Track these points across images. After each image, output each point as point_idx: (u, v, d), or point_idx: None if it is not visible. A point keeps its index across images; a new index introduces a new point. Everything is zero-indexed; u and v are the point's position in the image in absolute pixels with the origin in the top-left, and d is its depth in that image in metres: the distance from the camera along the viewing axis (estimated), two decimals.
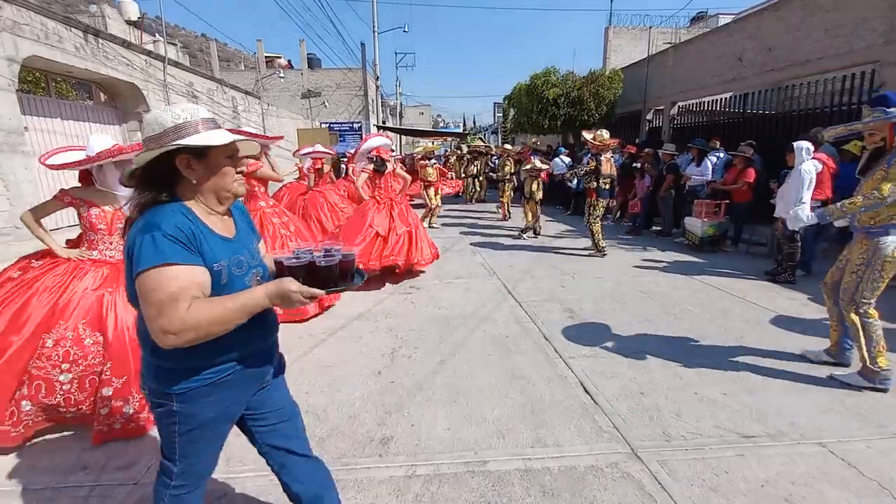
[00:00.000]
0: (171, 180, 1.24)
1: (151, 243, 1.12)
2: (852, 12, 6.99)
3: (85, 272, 2.51)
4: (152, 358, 1.26)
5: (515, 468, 2.14)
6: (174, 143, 1.18)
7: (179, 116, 1.21)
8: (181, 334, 1.10)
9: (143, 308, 1.14)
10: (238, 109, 13.63)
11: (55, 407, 2.26)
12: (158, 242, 1.12)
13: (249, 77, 23.25)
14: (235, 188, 1.32)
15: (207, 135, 1.22)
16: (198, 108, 1.26)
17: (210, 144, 1.21)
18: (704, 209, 6.67)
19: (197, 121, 1.22)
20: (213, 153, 1.25)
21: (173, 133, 1.19)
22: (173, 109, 1.22)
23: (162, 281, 1.10)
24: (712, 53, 10.54)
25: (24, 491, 2.04)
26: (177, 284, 1.11)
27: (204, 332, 1.12)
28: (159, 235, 1.12)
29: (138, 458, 2.23)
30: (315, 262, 1.28)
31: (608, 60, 16.83)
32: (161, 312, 1.09)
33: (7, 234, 6.05)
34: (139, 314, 1.23)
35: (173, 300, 1.09)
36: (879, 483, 2.01)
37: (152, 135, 1.21)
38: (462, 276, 5.59)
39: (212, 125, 1.25)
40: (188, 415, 1.27)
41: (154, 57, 9.51)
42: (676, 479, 2.05)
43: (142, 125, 1.15)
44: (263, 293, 1.19)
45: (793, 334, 3.68)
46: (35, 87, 12.00)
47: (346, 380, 3.03)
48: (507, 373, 3.08)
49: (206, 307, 1.13)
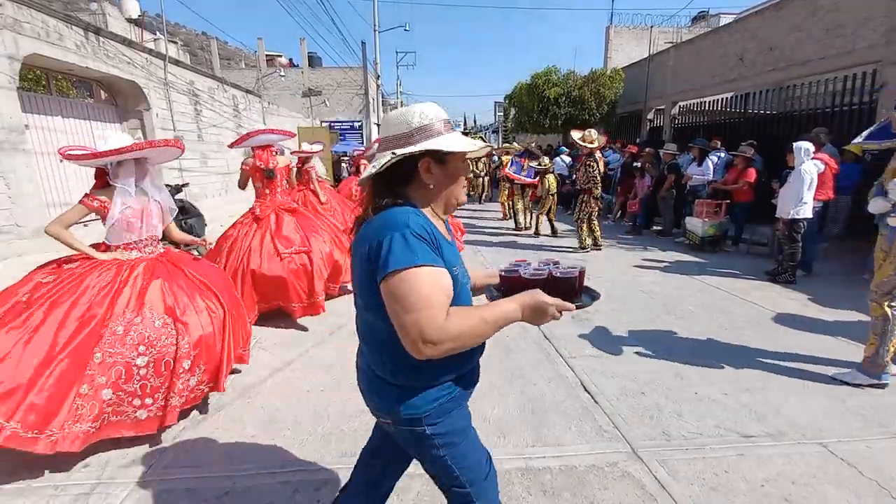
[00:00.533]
0: (405, 183, 1.15)
1: (403, 243, 1.01)
2: (854, 12, 6.98)
3: (133, 266, 2.53)
4: (393, 379, 1.15)
5: (516, 467, 2.15)
6: (427, 146, 1.10)
7: (426, 116, 1.12)
8: (440, 345, 0.99)
9: (395, 314, 1.01)
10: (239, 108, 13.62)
11: (130, 396, 2.23)
12: (410, 242, 1.01)
13: (250, 75, 23.24)
14: (463, 196, 1.24)
15: (451, 138, 1.14)
16: (437, 107, 1.16)
17: (462, 150, 1.13)
18: (705, 209, 6.67)
19: (441, 122, 1.14)
20: (453, 158, 1.16)
21: (419, 134, 1.11)
22: (419, 109, 1.14)
23: (418, 284, 0.99)
24: (713, 53, 10.52)
25: (26, 489, 2.05)
26: (432, 289, 1.00)
27: (460, 344, 1.02)
28: (409, 234, 1.02)
29: (140, 456, 2.24)
30: (553, 274, 1.21)
31: (609, 60, 16.82)
32: (419, 319, 0.97)
33: (8, 233, 6.05)
34: (369, 323, 1.15)
35: (430, 306, 0.98)
36: (879, 483, 2.02)
37: (398, 134, 1.12)
38: None
39: (451, 127, 1.16)
40: (442, 433, 1.16)
41: (155, 55, 9.50)
42: (677, 479, 2.06)
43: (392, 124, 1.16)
44: (517, 306, 1.09)
45: (793, 334, 3.68)
46: (36, 85, 12.01)
47: (347, 378, 3.03)
48: (507, 372, 3.08)
49: (463, 316, 1.03)
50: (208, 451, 2.28)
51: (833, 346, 3.46)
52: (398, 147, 1.11)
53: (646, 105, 13.47)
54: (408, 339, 0.99)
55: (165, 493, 2.01)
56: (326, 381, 3.00)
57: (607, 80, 13.47)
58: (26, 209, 6.35)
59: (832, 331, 3.73)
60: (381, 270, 1.01)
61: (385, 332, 1.08)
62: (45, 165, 7.11)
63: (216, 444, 2.34)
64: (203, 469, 2.16)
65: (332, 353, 3.42)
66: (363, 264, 1.08)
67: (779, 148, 6.46)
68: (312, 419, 2.56)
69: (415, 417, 1.13)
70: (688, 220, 7.06)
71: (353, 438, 2.39)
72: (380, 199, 1.13)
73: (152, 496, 2.00)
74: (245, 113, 13.92)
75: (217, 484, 2.06)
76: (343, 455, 2.26)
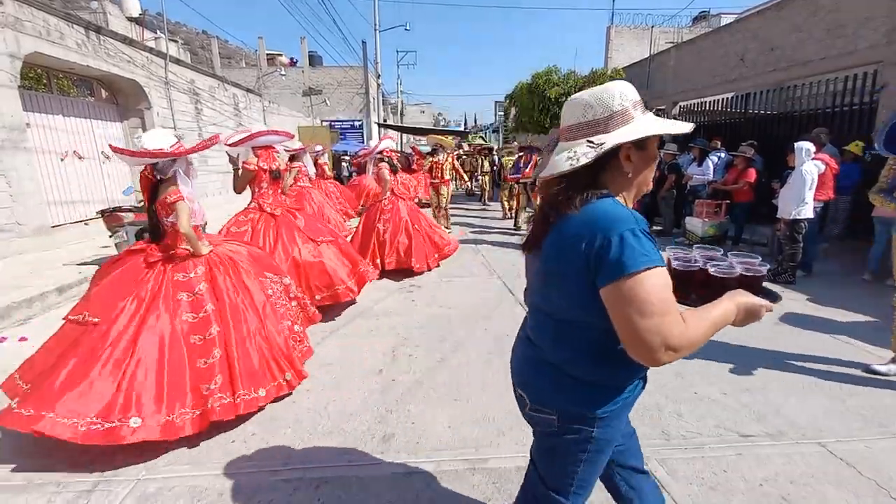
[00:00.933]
0: (600, 172, 1.06)
1: (636, 241, 0.93)
2: (855, 12, 6.97)
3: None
4: (588, 376, 1.08)
5: (516, 465, 2.15)
6: (639, 130, 1.01)
7: (627, 98, 1.03)
8: (680, 351, 0.93)
9: (627, 318, 0.92)
10: (239, 107, 13.63)
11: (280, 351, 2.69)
12: (642, 241, 0.94)
13: (251, 74, 23.25)
14: (651, 182, 1.15)
15: (652, 119, 1.05)
16: (631, 86, 1.07)
17: (664, 132, 1.03)
18: (705, 209, 6.68)
19: (639, 103, 1.05)
20: (650, 142, 1.06)
21: (619, 117, 1.02)
22: (618, 90, 1.04)
23: (656, 287, 0.92)
24: (714, 53, 10.52)
25: (29, 486, 2.06)
26: (667, 291, 0.93)
27: (692, 350, 0.95)
28: (639, 231, 0.95)
29: (141, 453, 2.24)
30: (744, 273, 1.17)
31: (610, 60, 16.82)
32: (661, 325, 0.91)
33: (9, 231, 6.06)
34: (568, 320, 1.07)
35: (669, 311, 0.92)
36: (878, 483, 2.02)
37: (594, 119, 1.03)
38: (463, 274, 5.60)
39: (642, 107, 1.07)
40: (602, 439, 1.12)
41: (156, 54, 9.50)
42: (676, 478, 2.06)
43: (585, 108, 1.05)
44: (734, 306, 1.04)
45: (793, 334, 3.68)
46: (37, 84, 12.01)
47: (347, 377, 3.04)
48: (507, 371, 3.06)
49: (698, 320, 0.97)
50: (208, 449, 2.29)
51: (833, 345, 3.47)
52: (595, 133, 1.03)
53: (646, 105, 13.45)
54: (643, 345, 0.92)
55: (166, 490, 2.02)
56: (327, 379, 3.01)
57: (608, 80, 13.42)
58: (27, 207, 6.36)
59: (832, 330, 3.74)
60: (613, 271, 0.93)
61: (596, 331, 1.02)
62: (46, 164, 7.12)
63: (216, 442, 2.35)
64: (203, 467, 2.17)
65: (332, 352, 3.43)
66: (570, 260, 1.00)
67: (779, 148, 6.46)
68: (312, 417, 2.57)
69: (591, 417, 1.09)
70: (688, 220, 7.07)
71: (353, 437, 2.39)
72: (576, 191, 1.04)
73: (153, 494, 2.00)
74: (245, 112, 13.93)
75: (217, 481, 2.07)
76: (344, 453, 2.26)
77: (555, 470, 1.19)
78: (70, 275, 5.02)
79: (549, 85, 13.80)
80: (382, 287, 5.05)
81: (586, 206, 1.01)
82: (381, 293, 4.85)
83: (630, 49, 16.61)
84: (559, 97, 13.69)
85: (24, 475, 2.12)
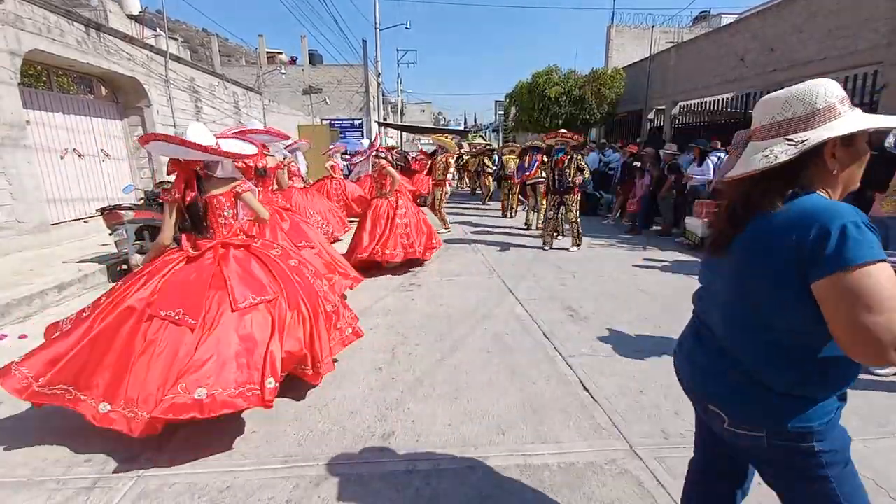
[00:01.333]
0: (802, 169, 1.02)
1: (859, 233, 0.88)
2: (855, 13, 6.98)
3: None
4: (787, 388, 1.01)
5: (515, 464, 2.16)
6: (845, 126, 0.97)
7: (832, 94, 0.99)
8: None
9: (850, 315, 0.87)
10: (239, 105, 13.63)
11: None
12: (866, 234, 0.88)
13: (251, 73, 23.22)
14: (857, 180, 1.08)
15: (858, 115, 1.00)
16: (835, 83, 1.03)
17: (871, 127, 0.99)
18: (705, 209, 6.68)
19: (844, 99, 1.01)
20: (858, 138, 1.01)
21: (824, 114, 0.99)
22: (823, 87, 1.00)
23: (887, 281, 0.86)
24: (714, 53, 10.53)
25: (29, 483, 2.06)
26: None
27: None
28: (862, 224, 0.89)
29: (141, 450, 2.25)
30: None
31: (610, 59, 16.82)
32: (892, 322, 0.85)
33: (9, 228, 6.06)
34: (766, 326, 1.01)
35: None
36: (876, 482, 2.03)
37: (794, 117, 1.01)
38: (462, 273, 5.60)
39: (849, 103, 1.02)
40: (828, 451, 1.02)
41: (156, 52, 9.50)
42: (674, 476, 2.07)
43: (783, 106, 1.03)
44: None
45: None
46: (36, 82, 11.98)
47: (347, 375, 3.04)
48: (507, 370, 3.09)
49: None
50: (209, 446, 2.29)
51: None
52: (796, 131, 1.00)
53: (646, 105, 13.47)
54: (871, 343, 0.86)
55: (166, 487, 2.03)
56: (327, 377, 3.00)
57: (608, 80, 13.47)
58: (27, 205, 6.36)
59: None
60: (832, 263, 0.87)
61: (801, 335, 0.98)
62: (45, 161, 7.12)
63: (216, 438, 2.35)
64: (203, 464, 2.18)
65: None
66: (774, 255, 0.96)
67: None
68: (313, 415, 2.58)
69: (805, 432, 1.00)
70: (688, 220, 7.07)
71: (353, 435, 2.40)
72: (774, 189, 1.01)
73: (153, 491, 2.01)
74: (245, 110, 13.92)
75: (217, 479, 2.07)
76: (343, 451, 2.27)
77: (809, 494, 1.08)
78: (69, 272, 5.02)
79: (549, 84, 13.81)
80: (382, 286, 5.06)
81: (792, 202, 0.99)
82: (381, 292, 4.85)
83: (630, 49, 16.61)
84: (559, 97, 13.70)
85: (24, 472, 2.13)
